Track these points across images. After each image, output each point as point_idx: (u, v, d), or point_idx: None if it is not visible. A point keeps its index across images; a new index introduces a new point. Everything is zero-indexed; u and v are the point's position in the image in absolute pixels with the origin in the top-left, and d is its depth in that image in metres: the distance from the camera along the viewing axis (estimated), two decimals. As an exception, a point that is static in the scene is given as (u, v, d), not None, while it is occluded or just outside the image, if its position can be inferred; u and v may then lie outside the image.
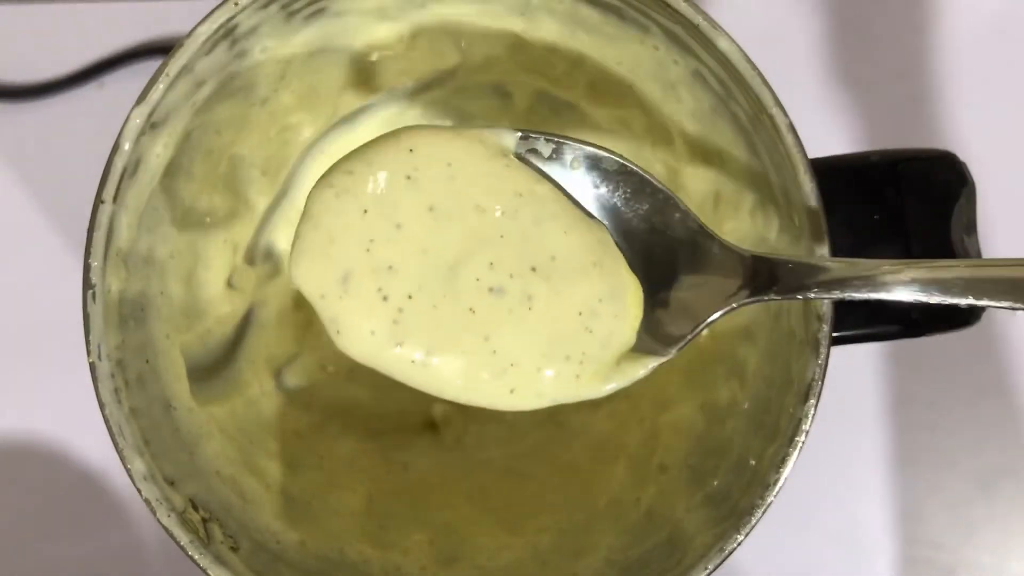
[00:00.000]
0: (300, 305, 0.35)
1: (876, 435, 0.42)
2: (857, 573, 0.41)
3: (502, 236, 0.26)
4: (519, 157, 0.26)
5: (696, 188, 0.32)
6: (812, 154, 0.27)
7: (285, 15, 0.29)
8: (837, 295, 0.25)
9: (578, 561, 0.31)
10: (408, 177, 0.26)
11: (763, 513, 0.27)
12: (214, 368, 0.32)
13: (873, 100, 0.43)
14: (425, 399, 0.35)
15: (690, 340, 0.26)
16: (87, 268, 0.27)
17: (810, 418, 0.27)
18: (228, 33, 0.28)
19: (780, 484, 0.27)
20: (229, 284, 0.33)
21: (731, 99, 0.28)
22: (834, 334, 0.27)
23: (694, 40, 0.28)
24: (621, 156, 0.27)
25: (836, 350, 0.27)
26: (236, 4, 0.27)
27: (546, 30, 0.31)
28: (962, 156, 0.30)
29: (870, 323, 0.30)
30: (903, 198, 0.29)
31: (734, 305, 0.26)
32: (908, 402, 0.42)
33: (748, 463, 0.28)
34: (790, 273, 0.25)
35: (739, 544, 0.27)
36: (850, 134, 0.42)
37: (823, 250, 0.27)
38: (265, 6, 0.28)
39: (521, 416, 0.36)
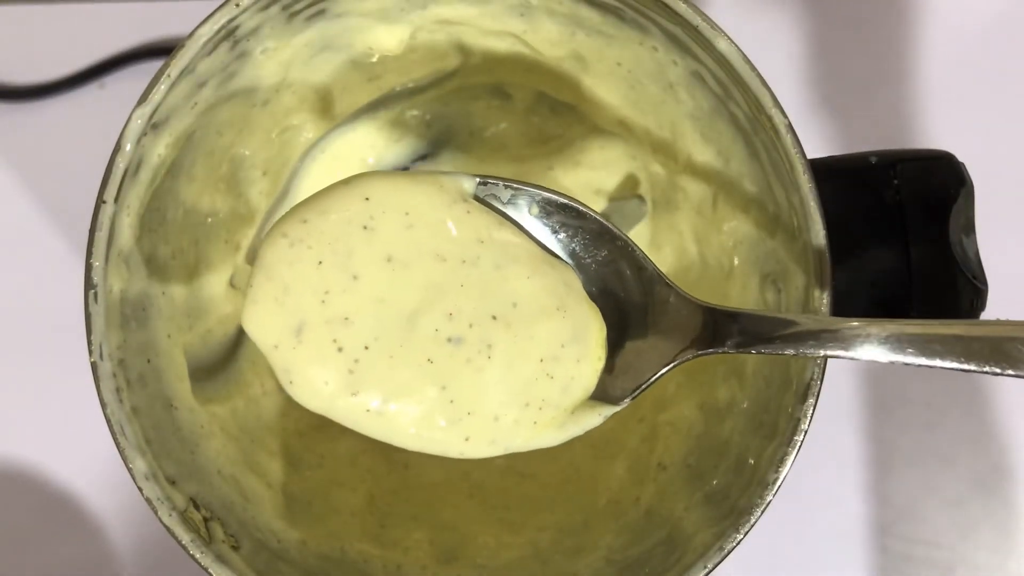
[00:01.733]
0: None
1: (875, 434, 0.42)
2: (857, 573, 0.41)
3: (462, 285, 0.26)
4: (479, 200, 0.26)
5: (695, 188, 0.32)
6: (811, 154, 0.27)
7: (286, 16, 0.29)
8: (799, 351, 0.24)
9: (578, 559, 0.31)
10: (365, 227, 0.25)
11: (762, 512, 0.27)
12: (215, 368, 0.32)
13: (872, 101, 0.43)
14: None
15: (643, 390, 0.26)
16: (89, 268, 0.27)
17: (809, 417, 0.27)
18: (229, 34, 0.28)
19: (779, 483, 0.27)
20: (231, 284, 0.33)
21: (730, 100, 0.28)
22: (833, 334, 0.27)
23: (693, 41, 0.28)
24: (577, 200, 0.26)
25: (835, 350, 0.27)
26: (237, 5, 0.27)
27: (546, 31, 0.31)
28: (960, 157, 0.30)
29: (869, 323, 0.30)
30: (902, 198, 0.29)
31: (688, 357, 0.26)
32: (907, 402, 0.42)
33: (747, 462, 0.28)
34: (750, 325, 0.25)
35: (738, 543, 0.27)
36: (849, 134, 0.42)
37: (822, 251, 0.27)
38: (266, 7, 0.28)
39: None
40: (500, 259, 0.26)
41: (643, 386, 0.26)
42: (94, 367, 0.27)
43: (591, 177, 0.35)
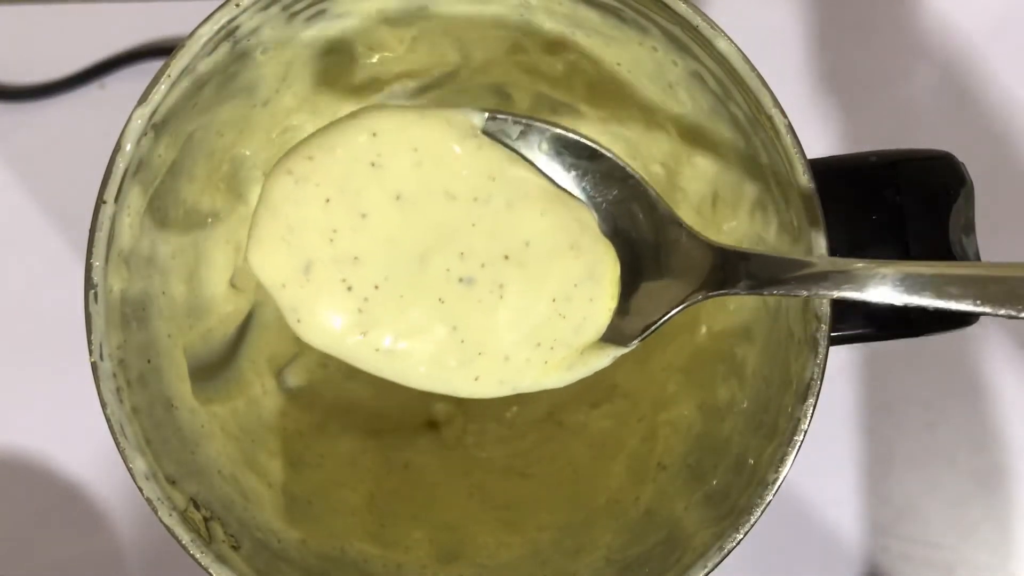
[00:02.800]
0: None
1: (874, 434, 0.42)
2: (857, 573, 0.41)
3: (473, 224, 0.25)
4: (488, 136, 0.25)
5: (695, 188, 0.32)
6: (811, 155, 0.27)
7: (286, 16, 0.29)
8: (812, 292, 0.24)
9: (578, 559, 0.31)
10: (372, 164, 0.25)
11: (762, 512, 0.27)
12: (216, 368, 0.32)
13: (872, 100, 0.43)
14: (426, 398, 0.35)
15: (653, 331, 0.26)
16: (89, 268, 0.27)
17: (809, 417, 0.27)
18: (229, 34, 0.28)
19: (779, 483, 0.27)
20: (232, 284, 0.33)
21: (730, 100, 0.28)
22: (833, 333, 0.27)
23: (693, 41, 0.28)
24: (589, 138, 0.26)
25: (835, 349, 0.27)
26: (237, 5, 0.27)
27: (546, 31, 0.31)
28: (960, 157, 0.30)
29: (869, 323, 0.30)
30: (902, 198, 0.29)
31: (699, 298, 0.25)
32: (907, 401, 0.42)
33: (747, 462, 0.28)
34: (762, 266, 0.25)
35: (738, 543, 0.27)
36: (848, 134, 0.42)
37: (821, 251, 0.27)
38: (266, 7, 0.28)
39: (521, 415, 0.36)
40: (512, 196, 0.25)
41: (653, 327, 0.26)
42: (94, 367, 0.27)
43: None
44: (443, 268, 0.25)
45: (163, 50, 0.42)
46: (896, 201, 0.29)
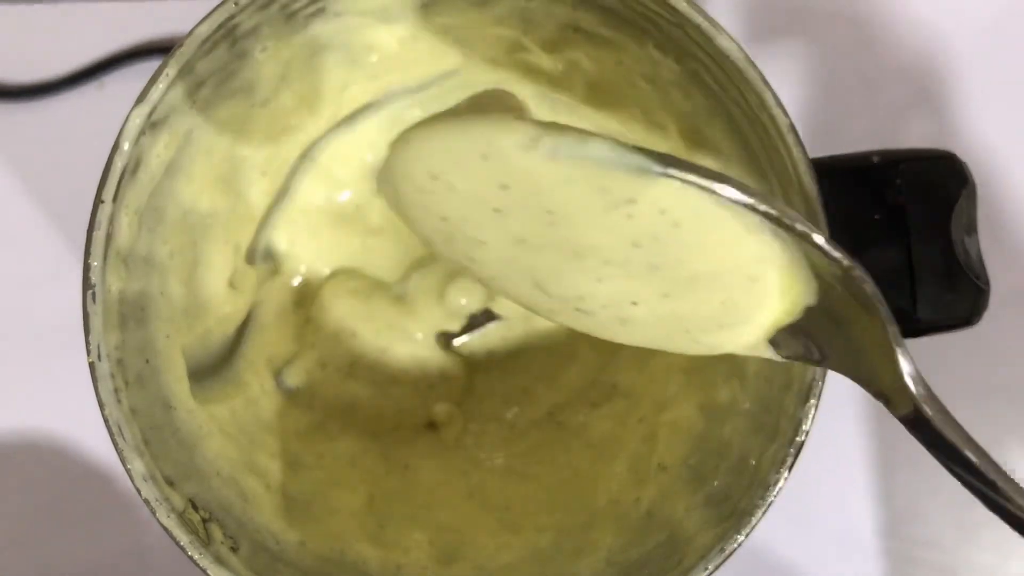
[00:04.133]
0: (299, 304, 0.35)
1: (876, 435, 0.42)
2: (857, 573, 0.41)
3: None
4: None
5: (696, 188, 0.32)
6: (812, 154, 0.27)
7: (285, 15, 0.29)
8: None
9: (578, 561, 0.31)
10: (496, 210, 0.24)
11: (763, 513, 0.27)
12: (214, 368, 0.32)
13: (873, 100, 0.43)
14: (426, 398, 0.35)
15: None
16: (87, 268, 0.27)
17: (810, 418, 0.27)
18: (228, 33, 0.28)
19: (780, 484, 0.27)
20: (230, 284, 0.33)
21: (730, 99, 0.28)
22: (834, 334, 0.27)
23: (693, 40, 0.28)
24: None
25: (836, 350, 0.27)
26: (236, 4, 0.27)
27: (546, 31, 0.31)
28: (963, 156, 0.30)
29: (870, 323, 0.30)
30: (903, 198, 0.29)
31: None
32: (908, 402, 0.42)
33: (748, 463, 0.28)
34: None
35: (739, 544, 0.27)
36: (850, 134, 0.42)
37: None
38: (265, 6, 0.28)
39: (521, 416, 0.36)
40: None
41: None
42: (92, 367, 0.27)
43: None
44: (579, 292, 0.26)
45: (162, 49, 0.42)
46: (898, 201, 0.29)
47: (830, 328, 0.24)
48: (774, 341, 0.25)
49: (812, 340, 0.25)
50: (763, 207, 0.22)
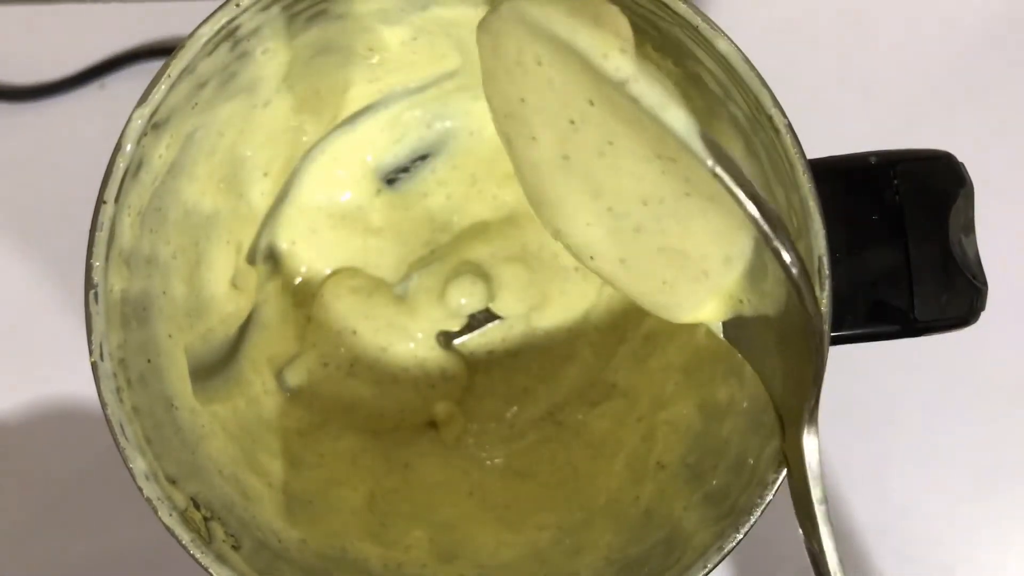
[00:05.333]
0: (301, 303, 0.35)
1: (875, 434, 0.42)
2: (857, 572, 0.41)
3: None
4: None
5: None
6: (810, 155, 0.27)
7: (287, 17, 0.29)
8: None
9: (577, 559, 0.31)
10: (571, 122, 0.26)
11: (762, 512, 0.27)
12: (216, 367, 0.32)
13: (872, 100, 0.43)
14: (426, 398, 0.35)
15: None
16: (89, 268, 0.27)
17: (809, 417, 0.27)
18: (230, 34, 0.28)
19: (779, 483, 0.27)
20: (232, 284, 0.33)
21: (730, 100, 0.28)
22: (833, 334, 0.27)
23: (693, 41, 0.28)
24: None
25: (835, 349, 0.27)
26: (238, 5, 0.27)
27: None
28: (960, 157, 0.30)
29: (869, 323, 0.30)
30: (901, 199, 0.29)
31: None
32: (907, 401, 0.42)
33: (747, 462, 0.28)
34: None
35: (738, 543, 0.27)
36: (848, 135, 0.42)
37: (821, 251, 0.27)
38: (267, 8, 0.28)
39: (521, 415, 0.36)
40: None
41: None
42: (94, 367, 0.27)
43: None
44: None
45: (163, 50, 0.42)
46: (896, 201, 0.29)
47: (757, 339, 0.26)
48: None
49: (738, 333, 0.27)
50: (773, 239, 0.23)
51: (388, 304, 0.35)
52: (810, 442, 0.24)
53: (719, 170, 0.23)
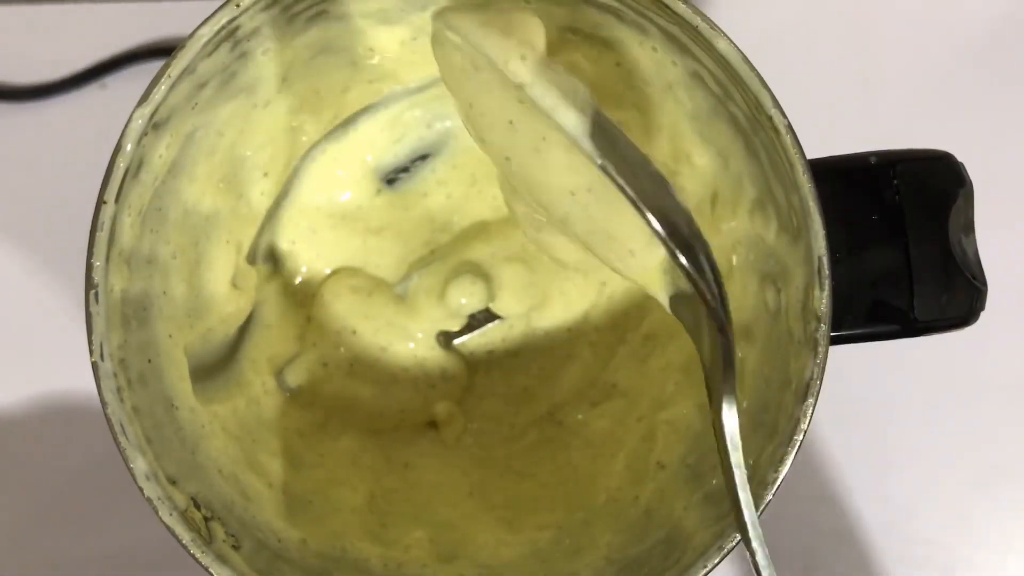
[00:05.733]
0: (301, 303, 0.35)
1: (875, 434, 0.42)
2: (857, 572, 0.41)
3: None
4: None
5: (694, 189, 0.32)
6: (810, 155, 0.27)
7: (287, 17, 0.29)
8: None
9: (577, 559, 0.31)
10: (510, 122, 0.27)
11: (761, 512, 0.27)
12: (216, 367, 0.32)
13: (872, 100, 0.43)
14: (426, 397, 0.35)
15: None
16: (89, 268, 0.27)
17: (808, 417, 0.27)
18: (230, 35, 0.28)
19: (778, 483, 0.27)
20: (232, 284, 0.33)
21: (729, 100, 0.28)
22: (832, 334, 0.27)
23: (692, 41, 0.28)
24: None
25: (834, 349, 0.27)
26: (238, 6, 0.27)
27: (545, 31, 0.31)
28: (960, 157, 0.30)
29: (869, 323, 0.30)
30: (901, 199, 0.29)
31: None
32: (907, 401, 0.42)
33: (747, 462, 0.28)
34: None
35: (737, 543, 0.27)
36: (848, 135, 0.42)
37: (821, 251, 0.27)
38: (267, 8, 0.28)
39: (521, 415, 0.36)
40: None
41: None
42: (95, 367, 0.27)
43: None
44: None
45: (164, 50, 0.42)
46: (896, 201, 0.29)
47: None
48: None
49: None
50: (659, 230, 0.25)
51: (388, 304, 0.35)
52: (729, 414, 0.26)
53: (608, 167, 0.25)
